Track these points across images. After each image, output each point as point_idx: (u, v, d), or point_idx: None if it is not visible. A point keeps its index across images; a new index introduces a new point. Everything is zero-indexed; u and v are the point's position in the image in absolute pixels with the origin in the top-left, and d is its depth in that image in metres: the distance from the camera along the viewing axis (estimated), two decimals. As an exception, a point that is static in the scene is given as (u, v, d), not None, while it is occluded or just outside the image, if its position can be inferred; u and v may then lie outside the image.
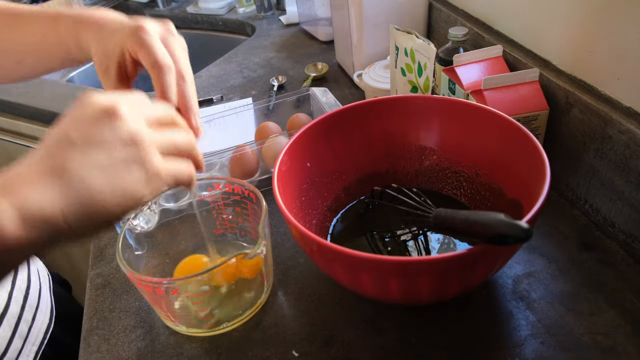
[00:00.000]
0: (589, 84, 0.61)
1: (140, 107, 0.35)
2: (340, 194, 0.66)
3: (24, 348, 0.61)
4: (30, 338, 0.63)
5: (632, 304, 0.53)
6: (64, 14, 0.47)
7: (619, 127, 0.55)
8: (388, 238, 0.62)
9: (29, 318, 0.63)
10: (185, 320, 0.56)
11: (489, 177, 0.60)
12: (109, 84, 0.44)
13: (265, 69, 1.16)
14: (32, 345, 0.63)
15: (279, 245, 0.67)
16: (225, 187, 0.61)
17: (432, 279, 0.45)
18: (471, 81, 0.69)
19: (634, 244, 0.57)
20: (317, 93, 0.84)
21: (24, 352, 0.61)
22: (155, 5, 1.67)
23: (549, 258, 0.59)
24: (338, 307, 0.57)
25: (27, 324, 0.63)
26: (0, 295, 0.59)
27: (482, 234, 0.42)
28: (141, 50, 0.41)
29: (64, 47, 0.47)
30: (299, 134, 0.60)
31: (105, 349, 0.57)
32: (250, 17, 1.49)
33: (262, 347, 0.54)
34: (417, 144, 0.66)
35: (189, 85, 0.43)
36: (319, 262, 0.52)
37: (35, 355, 0.63)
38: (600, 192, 0.60)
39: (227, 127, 0.85)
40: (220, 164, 0.78)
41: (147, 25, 0.42)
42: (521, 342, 0.51)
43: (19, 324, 0.61)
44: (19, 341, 0.61)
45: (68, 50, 0.47)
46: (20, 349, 0.61)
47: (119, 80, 0.44)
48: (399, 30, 0.77)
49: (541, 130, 0.66)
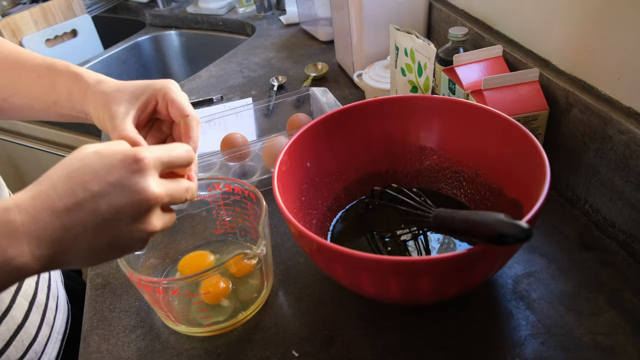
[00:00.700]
0: (589, 84, 0.61)
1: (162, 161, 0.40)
2: (340, 194, 0.66)
3: (51, 336, 0.62)
4: (56, 326, 0.64)
5: (632, 304, 0.53)
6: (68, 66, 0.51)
7: (619, 127, 0.55)
8: (388, 238, 0.62)
9: (53, 307, 0.64)
10: (185, 320, 0.56)
11: (489, 177, 0.60)
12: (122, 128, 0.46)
13: (265, 69, 1.16)
14: (58, 333, 0.64)
15: (279, 245, 0.67)
16: (225, 187, 0.61)
17: (432, 279, 0.45)
18: (471, 81, 0.69)
19: (634, 244, 0.57)
20: (317, 93, 0.84)
21: (51, 339, 0.62)
22: (155, 5, 1.66)
23: (549, 258, 0.59)
24: (338, 307, 0.57)
25: (52, 312, 0.64)
26: (27, 283, 0.59)
27: (482, 234, 0.42)
28: (174, 103, 0.47)
29: (53, 95, 0.51)
30: (299, 134, 0.60)
31: (105, 349, 0.57)
32: (250, 17, 1.49)
33: (262, 347, 0.54)
34: (417, 144, 0.66)
35: None
36: (318, 262, 0.52)
37: (60, 343, 0.64)
38: (600, 192, 0.60)
39: (227, 127, 0.85)
40: (220, 164, 0.78)
41: (176, 83, 0.49)
42: (521, 342, 0.51)
43: (46, 312, 0.62)
44: (47, 329, 0.61)
45: (56, 98, 0.51)
46: (48, 336, 0.61)
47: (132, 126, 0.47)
48: (399, 30, 0.77)
49: (541, 130, 0.66)
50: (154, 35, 1.62)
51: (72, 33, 1.56)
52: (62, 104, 0.51)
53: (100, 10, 1.72)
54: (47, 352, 0.61)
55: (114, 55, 1.54)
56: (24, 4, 1.53)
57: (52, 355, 0.61)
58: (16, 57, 0.52)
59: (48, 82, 0.51)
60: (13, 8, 1.52)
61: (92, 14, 1.66)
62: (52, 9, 1.51)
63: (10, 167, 1.46)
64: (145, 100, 0.47)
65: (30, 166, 1.41)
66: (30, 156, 1.34)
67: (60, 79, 0.50)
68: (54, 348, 0.62)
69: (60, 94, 0.50)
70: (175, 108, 0.47)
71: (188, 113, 0.47)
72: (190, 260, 0.62)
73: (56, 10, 1.52)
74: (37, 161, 1.36)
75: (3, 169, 1.48)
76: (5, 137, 1.33)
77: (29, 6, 1.48)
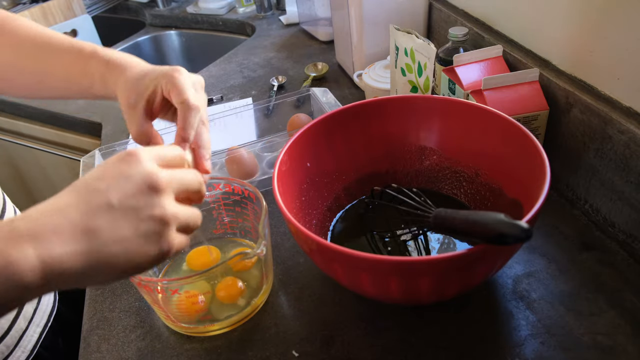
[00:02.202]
0: (589, 84, 0.61)
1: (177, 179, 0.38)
2: (340, 194, 0.66)
3: (27, 329, 0.62)
4: (35, 319, 0.64)
5: (632, 304, 0.53)
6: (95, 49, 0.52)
7: (619, 127, 0.55)
8: (388, 238, 0.62)
9: (34, 300, 0.64)
10: (185, 320, 0.56)
11: (489, 177, 0.60)
12: (134, 118, 0.48)
13: (265, 69, 1.16)
14: (37, 326, 0.64)
15: (279, 245, 0.67)
16: (225, 187, 0.61)
17: (432, 279, 0.45)
18: (471, 81, 0.69)
19: (634, 244, 0.57)
20: (317, 93, 0.84)
21: (27, 332, 0.62)
22: (155, 5, 1.66)
23: (549, 258, 0.59)
24: (338, 307, 0.57)
25: (33, 305, 0.63)
26: None
27: (482, 234, 0.42)
28: (175, 88, 0.46)
29: (87, 79, 0.52)
30: (299, 134, 0.60)
31: (105, 349, 0.57)
32: (250, 17, 1.49)
33: (262, 347, 0.54)
34: (417, 144, 0.66)
35: (207, 130, 0.48)
36: (318, 262, 0.52)
37: (39, 336, 0.64)
38: (600, 192, 0.60)
39: (227, 127, 0.85)
40: (220, 164, 0.79)
41: (183, 70, 0.48)
42: (521, 342, 0.51)
43: (24, 306, 0.61)
44: (23, 322, 0.61)
45: (91, 82, 0.52)
46: (24, 330, 0.61)
47: (144, 116, 0.48)
48: (399, 30, 0.77)
49: (541, 130, 0.66)
50: (154, 35, 1.62)
51: (72, 33, 1.56)
52: (98, 88, 0.52)
53: (100, 10, 1.72)
54: (22, 344, 0.61)
55: (114, 55, 1.54)
56: (24, 4, 1.53)
57: (27, 347, 0.61)
58: (45, 40, 0.54)
59: (80, 67, 0.52)
60: (13, 8, 1.52)
61: (92, 14, 1.66)
62: (52, 9, 1.51)
63: (10, 167, 1.46)
64: (152, 91, 0.48)
65: (30, 166, 1.41)
66: (30, 156, 1.34)
67: (90, 64, 0.51)
68: (30, 341, 0.62)
69: (94, 79, 0.52)
70: (174, 93, 0.46)
71: (183, 98, 0.45)
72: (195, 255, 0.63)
73: (56, 10, 1.52)
74: (37, 161, 1.35)
75: (3, 169, 1.47)
76: (5, 137, 1.33)
77: (29, 6, 1.48)
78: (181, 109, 0.45)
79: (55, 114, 1.16)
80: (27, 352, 0.61)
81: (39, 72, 0.55)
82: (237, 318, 0.56)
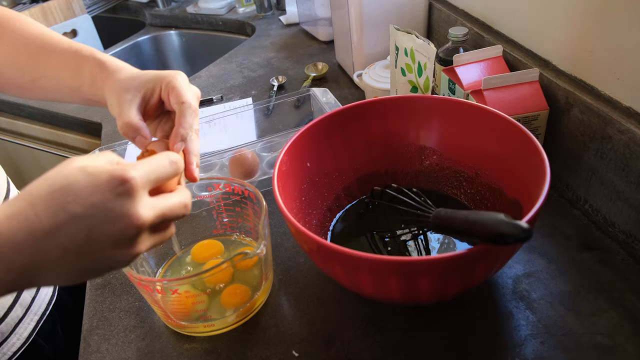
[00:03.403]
0: (589, 84, 0.61)
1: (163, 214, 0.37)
2: (340, 194, 0.66)
3: (24, 317, 0.62)
4: (33, 308, 0.63)
5: (632, 304, 0.53)
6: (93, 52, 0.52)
7: (619, 127, 0.55)
8: (388, 238, 0.62)
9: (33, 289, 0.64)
10: (185, 320, 0.56)
11: (489, 177, 0.60)
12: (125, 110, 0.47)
13: (265, 69, 1.16)
14: (34, 314, 0.64)
15: (279, 245, 0.67)
16: (225, 187, 0.61)
17: (432, 279, 0.45)
18: (471, 81, 0.69)
19: (634, 244, 0.57)
20: (317, 93, 0.84)
21: (24, 320, 0.62)
22: (155, 5, 1.66)
23: (549, 258, 0.59)
24: (338, 307, 0.57)
25: (31, 294, 0.63)
26: None
27: (482, 234, 0.42)
28: (175, 89, 0.47)
29: (78, 80, 0.52)
30: (299, 134, 0.60)
31: (105, 349, 0.57)
32: (250, 17, 1.49)
33: (262, 347, 0.54)
34: (417, 144, 0.66)
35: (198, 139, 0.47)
36: (318, 262, 0.52)
37: (36, 324, 0.64)
38: (600, 192, 0.60)
39: (227, 127, 0.85)
40: (220, 164, 0.79)
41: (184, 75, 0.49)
42: (521, 342, 0.51)
43: (21, 293, 0.61)
44: (20, 310, 0.61)
45: (80, 83, 0.52)
46: (20, 317, 0.61)
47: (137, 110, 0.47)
48: (399, 30, 0.77)
49: (541, 130, 0.66)
50: (154, 35, 1.62)
51: (72, 33, 1.56)
52: (86, 89, 0.52)
53: (100, 10, 1.72)
54: (18, 332, 0.61)
55: (114, 55, 1.53)
56: (24, 4, 1.53)
57: (22, 335, 0.61)
58: (45, 41, 0.54)
59: (74, 68, 0.52)
60: (13, 8, 1.52)
61: (92, 14, 1.66)
62: (52, 9, 1.51)
63: (10, 167, 1.46)
64: (151, 89, 0.48)
65: (30, 166, 1.41)
66: (30, 156, 1.34)
67: (85, 65, 0.51)
68: (26, 329, 0.62)
69: (85, 79, 0.51)
70: (173, 95, 0.47)
71: (184, 100, 0.46)
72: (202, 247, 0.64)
73: (56, 10, 1.52)
74: (37, 161, 1.35)
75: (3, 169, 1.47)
76: (5, 137, 1.33)
77: (29, 6, 1.48)
78: (181, 109, 0.46)
79: (55, 114, 1.16)
80: (22, 340, 0.61)
81: (33, 70, 0.55)
82: (237, 318, 0.56)
